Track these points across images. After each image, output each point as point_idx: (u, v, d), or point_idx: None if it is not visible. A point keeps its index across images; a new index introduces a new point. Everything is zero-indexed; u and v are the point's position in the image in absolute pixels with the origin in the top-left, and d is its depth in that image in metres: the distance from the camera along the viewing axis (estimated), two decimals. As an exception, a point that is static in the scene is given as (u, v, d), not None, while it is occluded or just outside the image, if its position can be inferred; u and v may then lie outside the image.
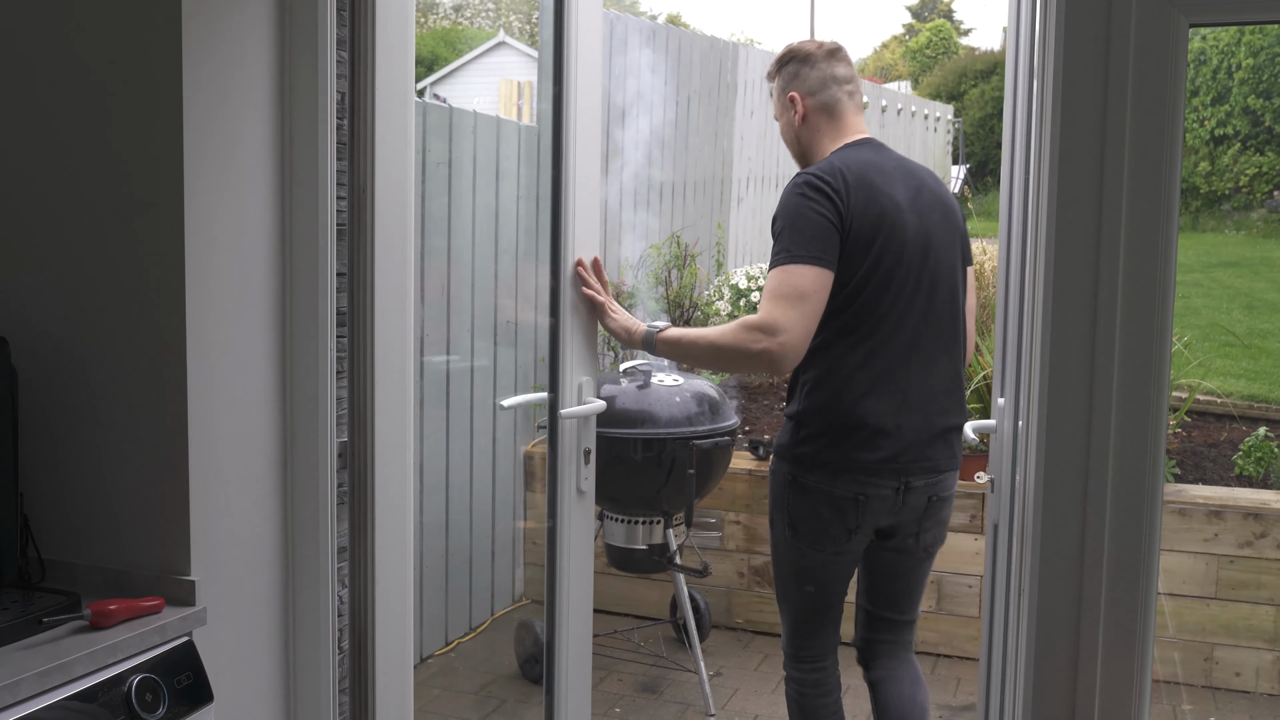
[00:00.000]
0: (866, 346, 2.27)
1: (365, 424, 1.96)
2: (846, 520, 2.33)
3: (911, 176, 2.36)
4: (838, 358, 2.28)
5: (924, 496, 2.37)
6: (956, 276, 2.39)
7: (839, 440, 2.30)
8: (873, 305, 2.26)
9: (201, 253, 1.71)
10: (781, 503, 2.39)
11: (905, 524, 2.39)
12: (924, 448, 2.33)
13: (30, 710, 1.44)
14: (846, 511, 2.32)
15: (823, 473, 2.32)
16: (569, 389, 2.34)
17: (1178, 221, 1.46)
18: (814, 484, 2.33)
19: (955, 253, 2.39)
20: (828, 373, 2.29)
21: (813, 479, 2.33)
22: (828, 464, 2.32)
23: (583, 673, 2.47)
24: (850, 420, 2.28)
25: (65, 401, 1.76)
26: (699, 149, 6.34)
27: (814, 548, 2.37)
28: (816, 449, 2.32)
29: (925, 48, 24.21)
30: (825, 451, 2.31)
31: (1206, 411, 4.80)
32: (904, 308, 2.28)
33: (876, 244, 2.24)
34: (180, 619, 1.66)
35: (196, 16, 1.68)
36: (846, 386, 2.28)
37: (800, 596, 2.45)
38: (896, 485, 2.31)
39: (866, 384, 2.27)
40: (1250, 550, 3.54)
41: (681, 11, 51.87)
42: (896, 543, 2.43)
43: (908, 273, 2.28)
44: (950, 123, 14.50)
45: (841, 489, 2.31)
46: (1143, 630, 1.50)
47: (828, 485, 2.32)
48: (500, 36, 18.55)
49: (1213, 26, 2.67)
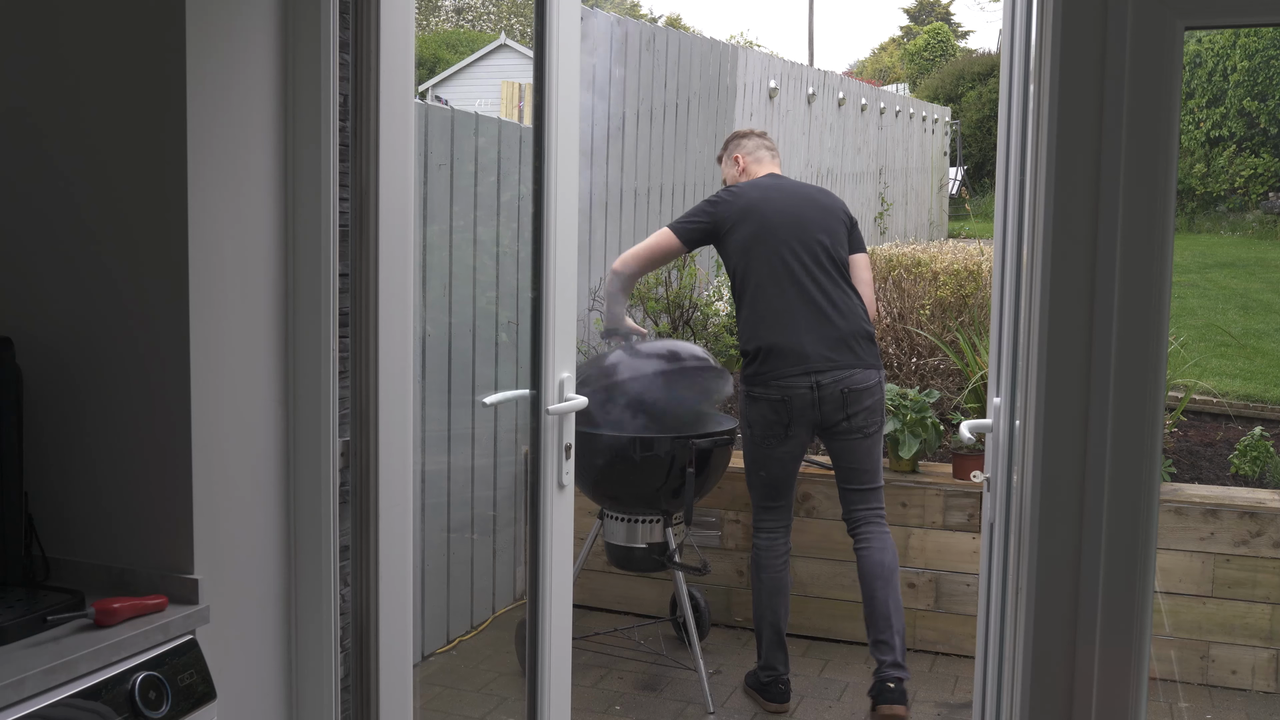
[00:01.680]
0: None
1: (368, 423, 1.97)
2: (780, 417, 3.35)
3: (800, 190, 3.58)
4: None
5: (837, 390, 3.33)
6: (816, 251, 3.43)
7: (766, 359, 3.35)
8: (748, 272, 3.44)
9: (205, 253, 1.73)
10: (742, 412, 3.46)
11: (830, 414, 3.34)
12: (826, 353, 3.32)
13: (35, 708, 1.45)
14: (782, 410, 3.34)
15: (761, 385, 3.37)
16: (551, 385, 2.36)
17: (1174, 222, 1.47)
18: (758, 394, 3.38)
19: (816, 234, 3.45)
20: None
21: (756, 390, 3.38)
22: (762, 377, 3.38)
23: (564, 662, 2.48)
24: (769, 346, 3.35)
25: (69, 401, 1.77)
26: (699, 151, 6.35)
27: (762, 444, 3.41)
28: (755, 369, 3.37)
29: (923, 50, 24.24)
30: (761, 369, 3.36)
31: (1203, 411, 4.81)
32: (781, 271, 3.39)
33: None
34: (183, 617, 1.67)
35: (200, 18, 1.69)
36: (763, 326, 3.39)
37: (757, 480, 3.45)
38: (809, 384, 3.33)
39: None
40: (1246, 549, 3.56)
41: (681, 14, 51.81)
42: (834, 430, 3.38)
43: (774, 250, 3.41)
44: (948, 125, 14.52)
45: (773, 394, 3.35)
46: (1139, 628, 1.51)
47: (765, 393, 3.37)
48: (501, 39, 18.55)
49: (1208, 29, 2.68)
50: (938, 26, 25.76)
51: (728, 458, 3.63)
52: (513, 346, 4.22)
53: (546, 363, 2.35)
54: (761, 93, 7.65)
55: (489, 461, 4.11)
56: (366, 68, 1.92)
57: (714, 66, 6.74)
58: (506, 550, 4.29)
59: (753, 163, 3.64)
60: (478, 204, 3.98)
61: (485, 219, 4.05)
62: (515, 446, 4.24)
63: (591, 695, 3.59)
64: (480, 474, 4.06)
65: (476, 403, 3.99)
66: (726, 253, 3.48)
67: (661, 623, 4.14)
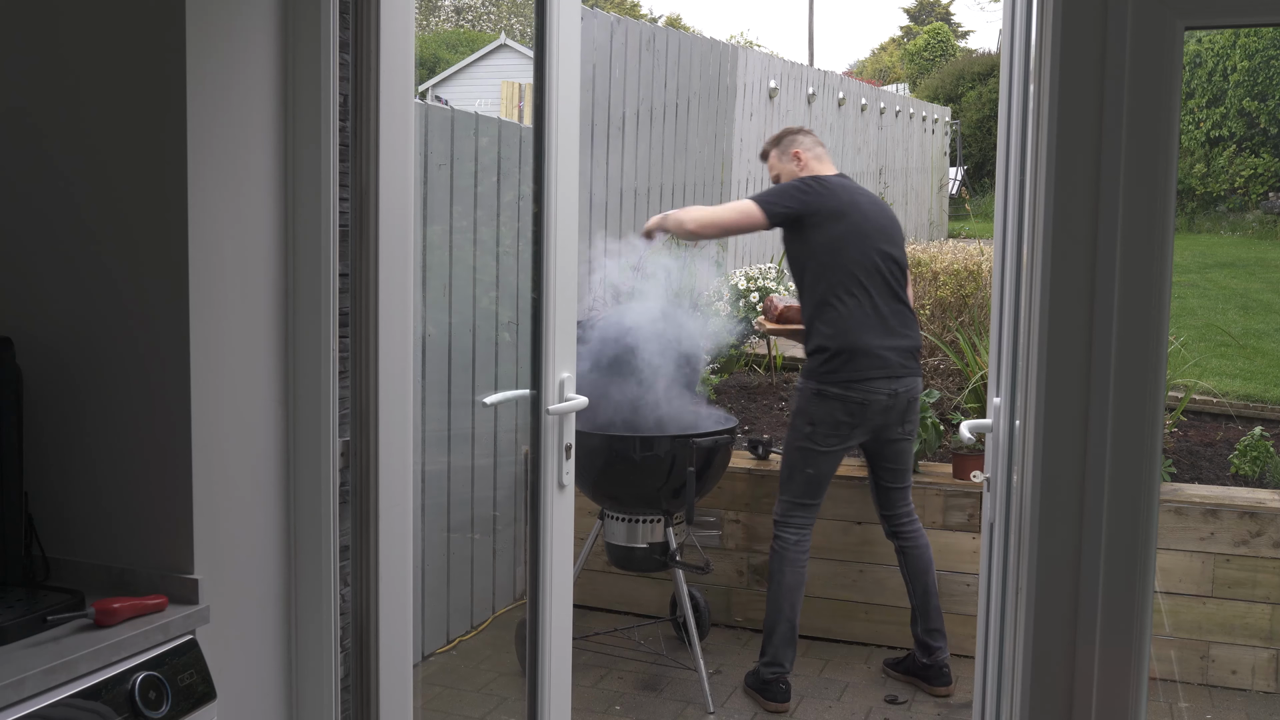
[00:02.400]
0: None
1: (368, 423, 1.97)
2: (852, 419, 3.40)
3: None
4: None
5: (906, 398, 3.45)
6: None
7: (850, 361, 3.37)
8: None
9: (205, 253, 1.73)
10: (803, 409, 3.45)
11: (894, 421, 3.46)
12: (902, 362, 3.41)
13: (35, 708, 1.45)
14: (857, 413, 3.40)
15: (840, 385, 3.39)
16: (551, 385, 2.36)
17: (1174, 222, 1.47)
18: (833, 394, 3.40)
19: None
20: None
21: (832, 390, 3.39)
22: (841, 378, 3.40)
23: (564, 662, 2.48)
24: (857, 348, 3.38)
25: (69, 401, 1.77)
26: (699, 151, 6.35)
27: (820, 442, 3.43)
28: (834, 368, 3.38)
29: (923, 50, 24.23)
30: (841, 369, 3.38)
31: (1203, 411, 4.81)
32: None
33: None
34: (183, 617, 1.67)
35: (200, 18, 1.69)
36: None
37: (802, 477, 3.48)
38: (889, 390, 3.40)
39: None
40: (1246, 549, 3.55)
41: (681, 14, 51.79)
42: (890, 435, 3.48)
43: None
44: (948, 124, 14.51)
45: (853, 395, 3.38)
46: (1139, 628, 1.51)
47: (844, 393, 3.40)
48: (501, 39, 18.56)
49: (1208, 29, 2.68)
50: (938, 26, 25.76)
51: (728, 457, 3.63)
52: (513, 346, 4.22)
53: (546, 363, 2.35)
54: (761, 93, 7.65)
55: (489, 461, 4.11)
56: (366, 68, 1.92)
57: (714, 66, 6.74)
58: (506, 550, 4.29)
59: (813, 159, 3.60)
60: (478, 204, 3.98)
61: (485, 219, 4.05)
62: (515, 446, 4.24)
63: (591, 695, 3.59)
64: (480, 474, 4.07)
65: (476, 403, 3.99)
66: (808, 243, 3.44)
67: (661, 623, 4.14)
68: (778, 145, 3.69)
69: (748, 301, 5.03)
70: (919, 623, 3.57)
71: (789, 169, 3.62)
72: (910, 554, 3.56)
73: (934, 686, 3.58)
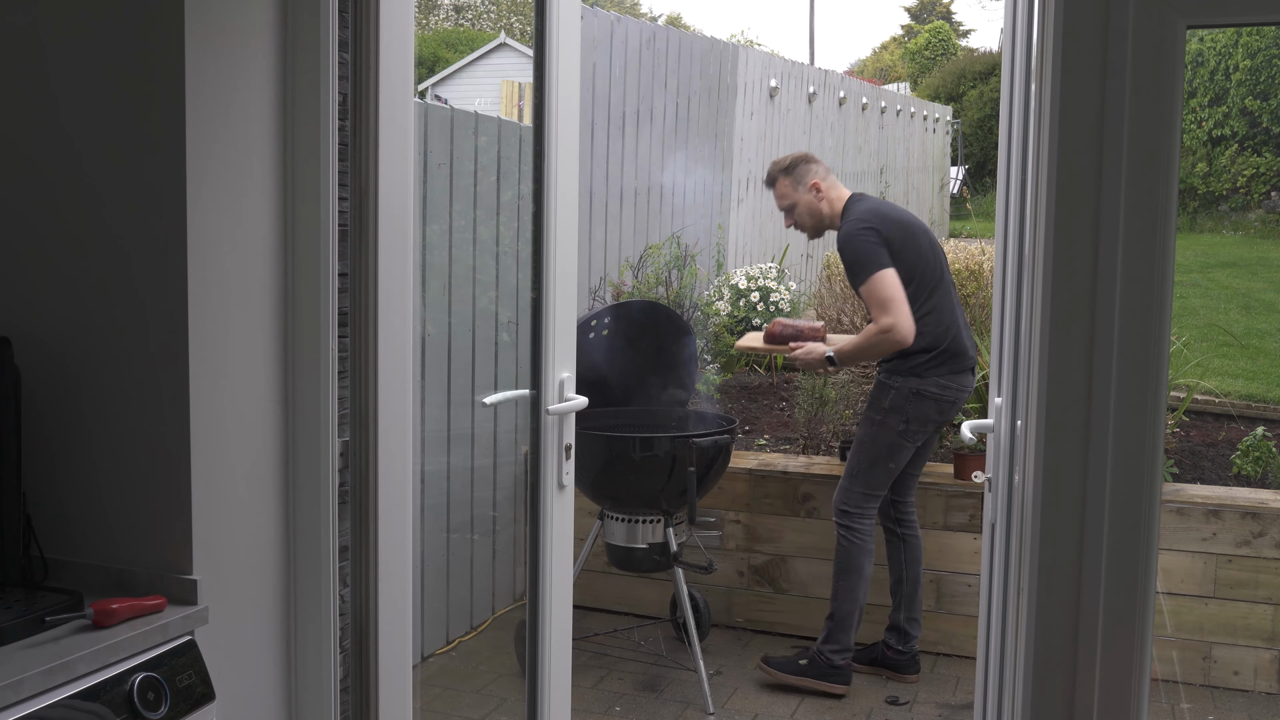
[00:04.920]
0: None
1: (368, 424, 1.97)
2: (944, 416, 3.53)
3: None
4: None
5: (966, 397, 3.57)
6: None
7: (951, 358, 3.48)
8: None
9: (204, 253, 1.72)
10: (898, 407, 3.49)
11: (954, 417, 3.60)
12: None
13: (33, 709, 1.45)
14: (945, 410, 3.51)
15: (940, 380, 3.48)
16: (551, 385, 2.36)
17: (1175, 222, 1.46)
18: (933, 393, 3.47)
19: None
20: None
21: (932, 389, 3.47)
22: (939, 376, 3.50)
23: (564, 662, 2.48)
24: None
25: (68, 401, 1.77)
26: (699, 150, 6.34)
27: (909, 438, 3.51)
28: (936, 365, 3.46)
29: (924, 49, 24.23)
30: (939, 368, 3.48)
31: (1204, 411, 4.81)
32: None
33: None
34: (182, 618, 1.67)
35: (200, 18, 1.69)
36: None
37: (884, 471, 3.54)
38: (970, 388, 3.55)
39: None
40: (1248, 549, 3.55)
41: (682, 13, 51.83)
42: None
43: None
44: (949, 124, 14.52)
45: (948, 395, 3.48)
46: (1141, 629, 1.51)
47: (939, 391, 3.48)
48: (501, 38, 18.55)
49: (1210, 28, 2.68)
50: (939, 25, 25.75)
51: (729, 456, 3.63)
52: (513, 346, 4.21)
53: (546, 363, 2.34)
54: (762, 92, 7.65)
55: (489, 461, 4.11)
56: (366, 67, 1.91)
57: (714, 65, 6.73)
58: (506, 550, 4.28)
59: (830, 188, 3.65)
60: (478, 203, 3.98)
61: (485, 219, 4.04)
62: (515, 446, 4.24)
63: (591, 696, 3.58)
64: (480, 474, 4.06)
65: (476, 403, 3.99)
66: (902, 262, 3.45)
67: (661, 623, 4.13)
68: (790, 175, 3.67)
69: (748, 301, 5.03)
70: (903, 610, 3.66)
71: (807, 200, 3.62)
72: (910, 542, 3.67)
73: (906, 675, 3.66)
